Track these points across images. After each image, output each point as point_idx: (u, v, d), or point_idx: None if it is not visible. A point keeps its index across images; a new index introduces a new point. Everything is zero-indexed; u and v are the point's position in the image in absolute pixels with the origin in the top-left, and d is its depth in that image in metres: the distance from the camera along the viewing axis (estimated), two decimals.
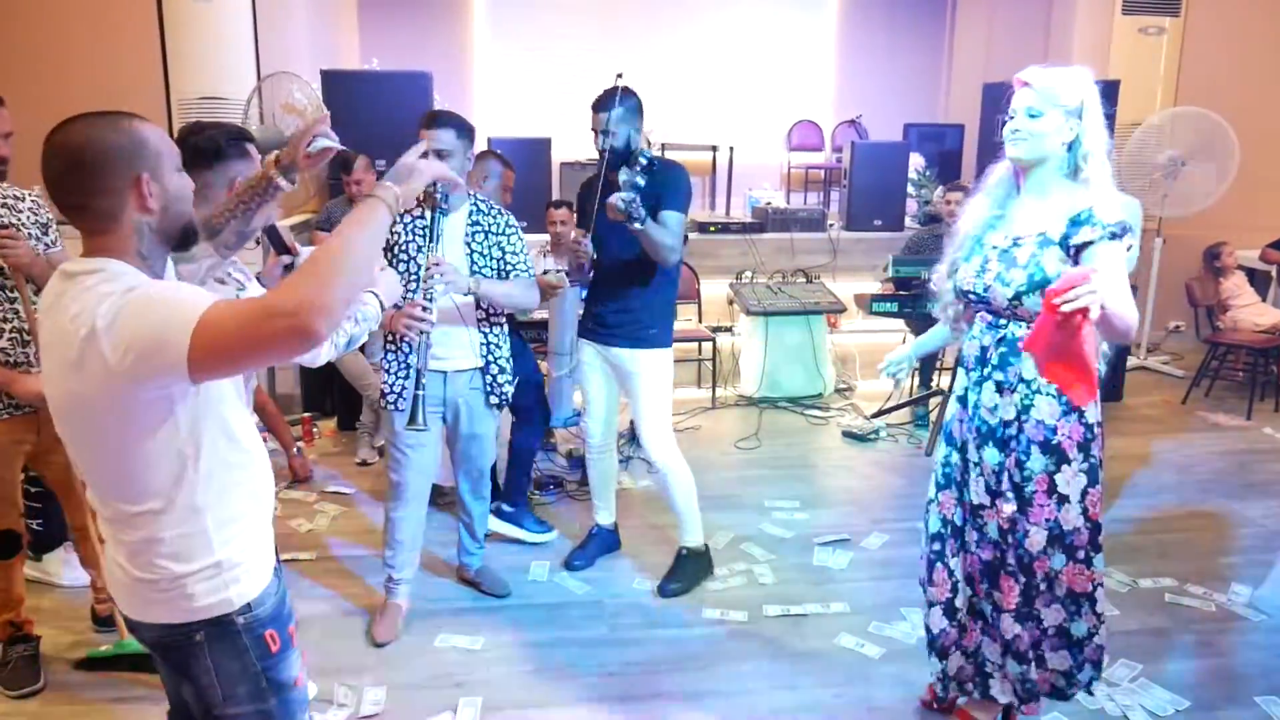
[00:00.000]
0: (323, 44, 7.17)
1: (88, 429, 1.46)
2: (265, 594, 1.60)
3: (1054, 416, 2.28)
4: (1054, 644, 2.41)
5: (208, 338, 1.32)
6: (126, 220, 1.45)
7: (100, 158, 1.41)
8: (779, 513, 4.14)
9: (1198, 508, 4.26)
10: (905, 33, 9.30)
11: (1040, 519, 2.32)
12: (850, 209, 7.46)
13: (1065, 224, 2.23)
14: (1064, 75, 2.26)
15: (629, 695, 2.83)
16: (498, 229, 3.06)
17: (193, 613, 1.54)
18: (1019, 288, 2.26)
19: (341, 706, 2.73)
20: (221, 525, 1.53)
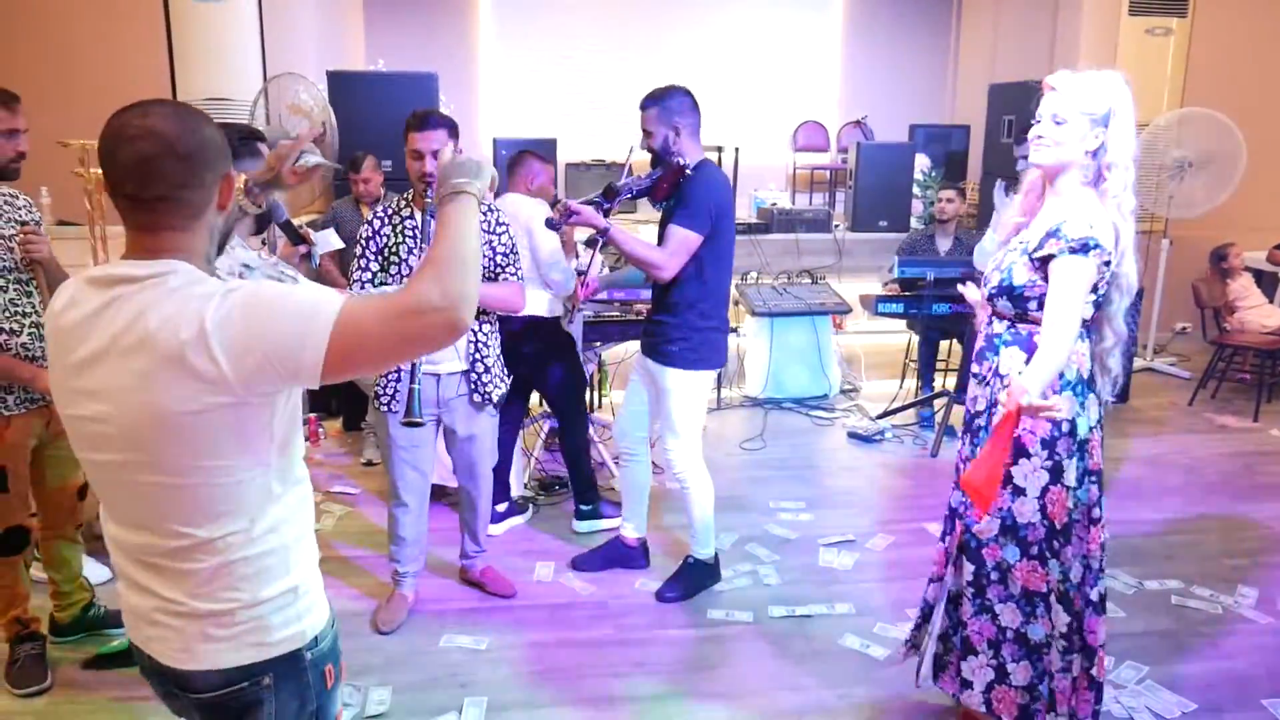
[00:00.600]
0: (329, 45, 7.18)
1: (169, 447, 1.29)
2: (329, 623, 1.51)
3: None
4: (1014, 651, 2.42)
5: (350, 337, 1.25)
6: (207, 218, 1.37)
7: (200, 149, 1.32)
8: (784, 513, 4.13)
9: (1204, 510, 4.25)
10: (911, 33, 9.29)
11: (993, 508, 2.36)
12: (856, 210, 7.46)
13: (1042, 235, 2.26)
14: (1093, 82, 2.22)
15: (634, 696, 2.83)
16: (489, 228, 3.05)
17: (267, 649, 1.40)
18: (990, 290, 2.36)
19: (347, 706, 2.73)
20: (296, 544, 1.43)
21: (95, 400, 1.30)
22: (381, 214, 3.02)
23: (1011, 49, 8.28)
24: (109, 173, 1.30)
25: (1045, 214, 2.33)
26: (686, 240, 3.07)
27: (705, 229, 3.08)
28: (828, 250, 7.02)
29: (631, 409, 3.44)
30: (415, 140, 2.87)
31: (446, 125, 2.91)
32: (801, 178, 8.94)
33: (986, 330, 2.44)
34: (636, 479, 3.52)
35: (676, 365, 3.20)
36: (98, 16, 6.17)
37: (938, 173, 7.99)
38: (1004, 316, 2.37)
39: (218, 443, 1.29)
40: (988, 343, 2.41)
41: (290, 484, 1.41)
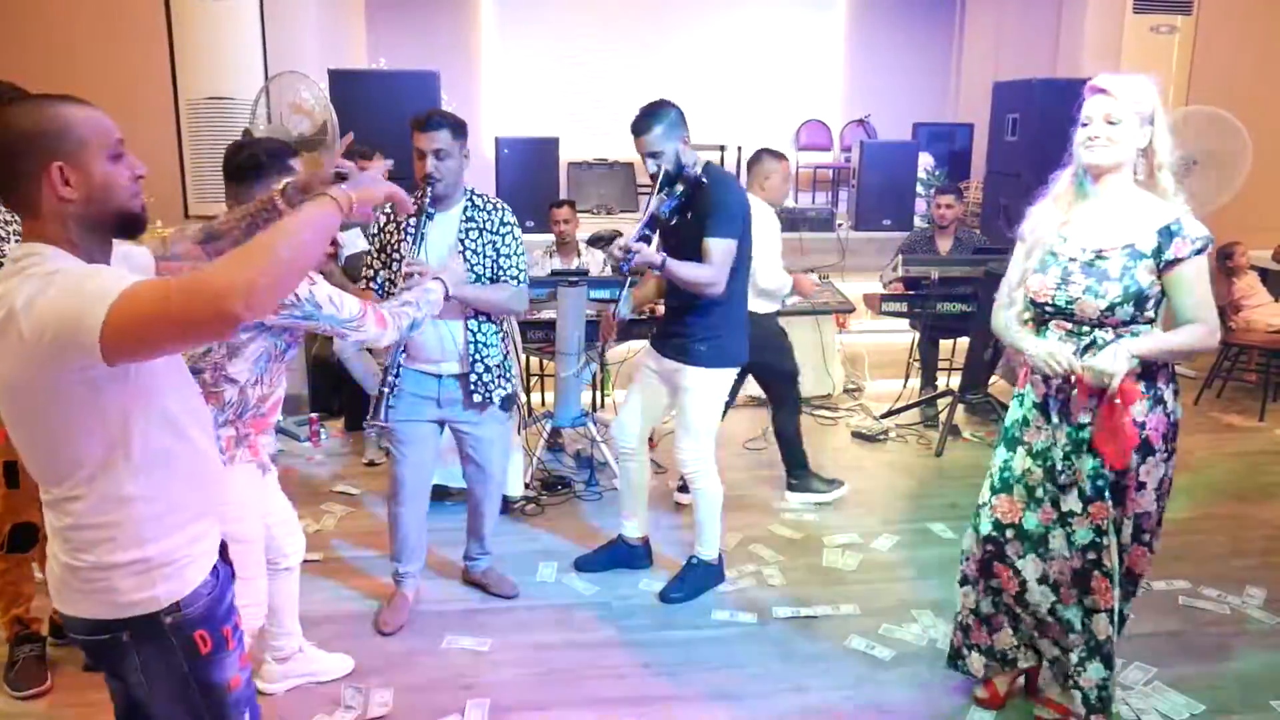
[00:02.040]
0: (330, 43, 7.17)
1: (14, 409, 1.44)
2: (198, 593, 1.56)
3: (1143, 413, 2.35)
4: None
5: (122, 316, 1.29)
6: (47, 208, 1.42)
7: (13, 144, 1.39)
8: (788, 514, 4.11)
9: (1211, 510, 4.23)
10: (914, 32, 9.28)
11: (1131, 513, 2.42)
12: (859, 209, 7.44)
13: (1155, 236, 2.28)
14: (1138, 82, 2.30)
15: (638, 697, 2.81)
16: (493, 227, 2.99)
17: (118, 609, 1.50)
18: (1114, 299, 2.30)
19: (349, 709, 2.72)
20: (153, 519, 1.50)
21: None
22: (388, 211, 3.01)
23: (1015, 47, 8.26)
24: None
25: (1113, 212, 2.33)
26: (729, 250, 3.04)
27: (739, 232, 3.08)
28: (831, 249, 7.00)
29: (633, 408, 3.42)
30: (418, 140, 2.86)
31: (449, 125, 2.87)
32: (804, 177, 8.93)
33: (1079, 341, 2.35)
34: (636, 478, 3.51)
35: (703, 364, 3.18)
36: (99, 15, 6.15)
37: (941, 171, 7.97)
38: (1111, 325, 2.32)
39: (45, 409, 1.40)
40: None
41: (152, 461, 1.48)
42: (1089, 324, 2.35)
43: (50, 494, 1.49)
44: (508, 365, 3.15)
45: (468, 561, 3.43)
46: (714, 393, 3.24)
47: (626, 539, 3.59)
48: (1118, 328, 2.33)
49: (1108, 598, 2.43)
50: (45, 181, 1.40)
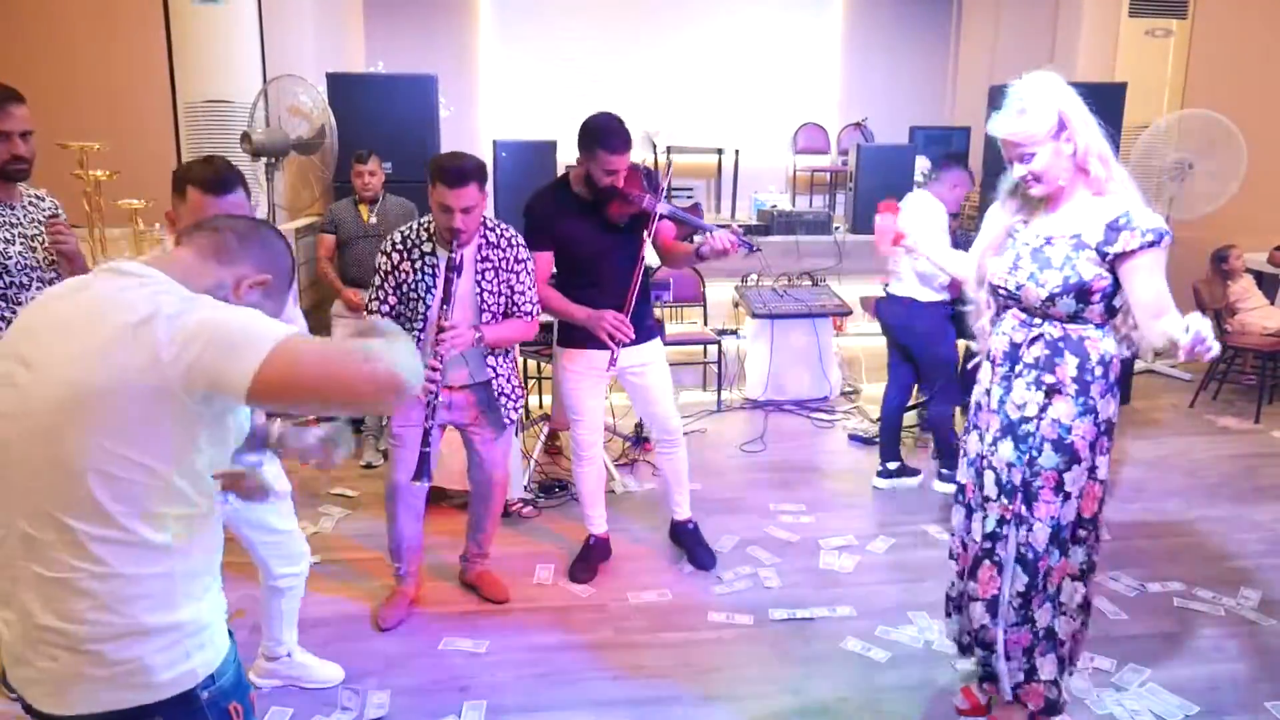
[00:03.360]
0: (328, 47, 7.17)
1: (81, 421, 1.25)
2: (227, 660, 1.42)
3: (1070, 416, 2.33)
4: (1044, 648, 2.47)
5: (288, 360, 1.25)
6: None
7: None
8: (785, 516, 4.12)
9: (1206, 511, 4.23)
10: (910, 35, 9.29)
11: (1045, 516, 2.38)
12: (856, 212, 7.45)
13: (1102, 229, 2.24)
14: (1029, 102, 2.23)
15: (635, 699, 2.82)
16: (508, 265, 2.99)
17: (152, 691, 1.31)
18: (1053, 289, 2.28)
19: (346, 710, 2.73)
20: (187, 577, 1.35)
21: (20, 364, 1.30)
22: (400, 245, 2.94)
23: (1011, 50, 8.28)
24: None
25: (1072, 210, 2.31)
26: None
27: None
28: (828, 252, 7.01)
29: (596, 413, 3.50)
30: (446, 196, 2.77)
31: (478, 179, 2.82)
32: (802, 180, 8.94)
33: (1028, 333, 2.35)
34: (601, 476, 3.69)
35: (659, 334, 3.55)
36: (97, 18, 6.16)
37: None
38: (1055, 317, 2.32)
39: (132, 430, 1.26)
40: (1050, 346, 2.33)
41: (189, 512, 1.34)
42: (1036, 314, 2.34)
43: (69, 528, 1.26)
44: (517, 387, 3.20)
45: (464, 562, 3.44)
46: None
47: (599, 535, 3.66)
48: (1065, 322, 2.31)
49: (989, 588, 2.47)
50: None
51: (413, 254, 2.94)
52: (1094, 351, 2.32)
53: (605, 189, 3.16)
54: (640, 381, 3.46)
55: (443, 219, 2.83)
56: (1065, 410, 2.32)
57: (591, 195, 3.22)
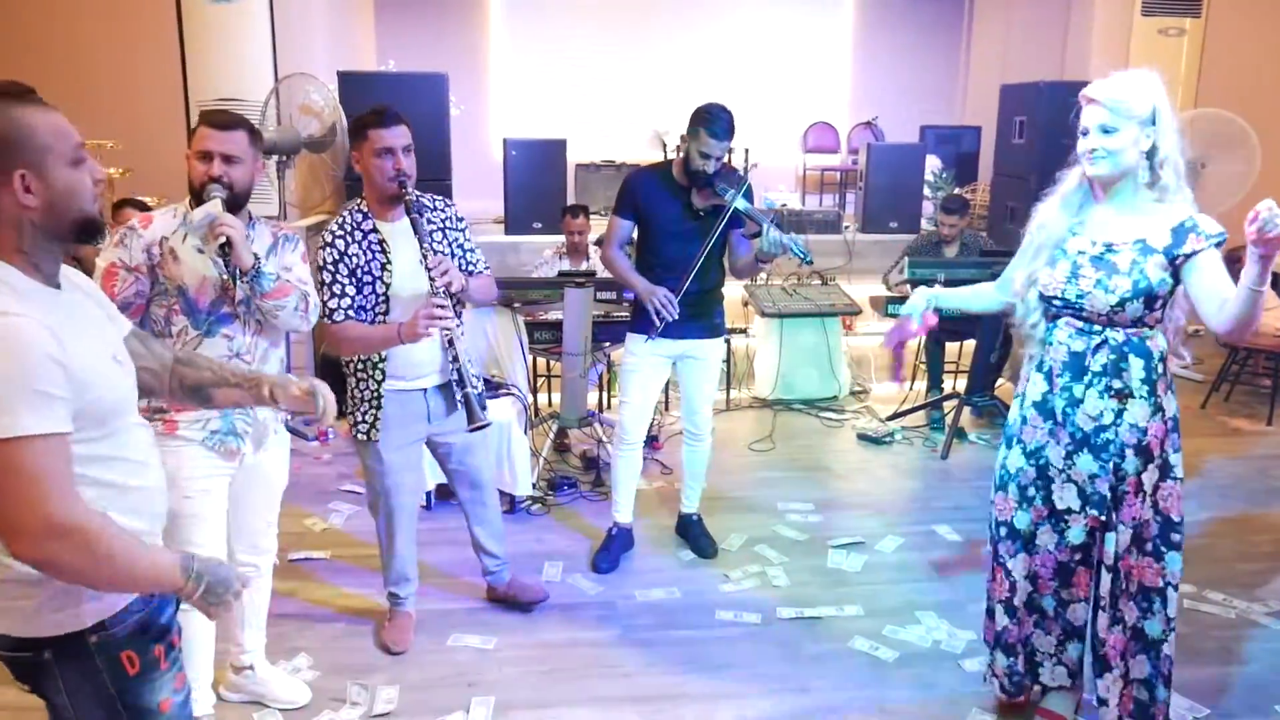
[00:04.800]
0: (339, 46, 7.21)
1: None
2: (127, 611, 1.49)
3: (1145, 419, 2.34)
4: (1133, 648, 2.45)
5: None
6: (5, 216, 1.37)
7: None
8: (793, 515, 4.12)
9: (1217, 513, 4.22)
10: (921, 34, 9.28)
11: (1129, 518, 2.39)
12: (866, 211, 7.44)
13: (1168, 233, 2.26)
14: (1132, 84, 2.25)
15: (643, 696, 2.82)
16: (451, 223, 2.89)
17: (40, 627, 1.44)
18: (1124, 294, 2.28)
19: (355, 705, 2.74)
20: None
21: None
22: (339, 233, 2.75)
23: (1023, 50, 8.25)
24: None
25: (1128, 214, 2.31)
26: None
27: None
28: (838, 251, 7.00)
29: (646, 403, 3.60)
30: (382, 138, 2.68)
31: (406, 120, 2.75)
32: (811, 179, 8.95)
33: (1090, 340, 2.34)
34: (637, 466, 3.71)
35: (723, 333, 3.64)
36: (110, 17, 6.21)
37: (949, 174, 7.97)
38: (1122, 324, 2.32)
39: None
40: (1118, 354, 2.32)
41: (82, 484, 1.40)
42: (1099, 321, 2.34)
43: None
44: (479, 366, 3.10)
45: (488, 577, 3.30)
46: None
47: (624, 525, 3.70)
48: (1127, 327, 2.32)
49: (1085, 589, 2.48)
50: (5, 190, 1.36)
51: (355, 235, 2.75)
52: (1155, 350, 2.33)
53: (696, 173, 3.28)
54: (690, 370, 3.57)
55: (386, 167, 2.68)
56: (1140, 413, 2.33)
57: (685, 179, 3.35)
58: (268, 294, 2.33)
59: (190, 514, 2.35)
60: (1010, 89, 7.16)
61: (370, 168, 2.73)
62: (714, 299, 3.53)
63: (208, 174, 2.31)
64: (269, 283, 2.33)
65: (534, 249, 6.18)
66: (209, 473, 2.39)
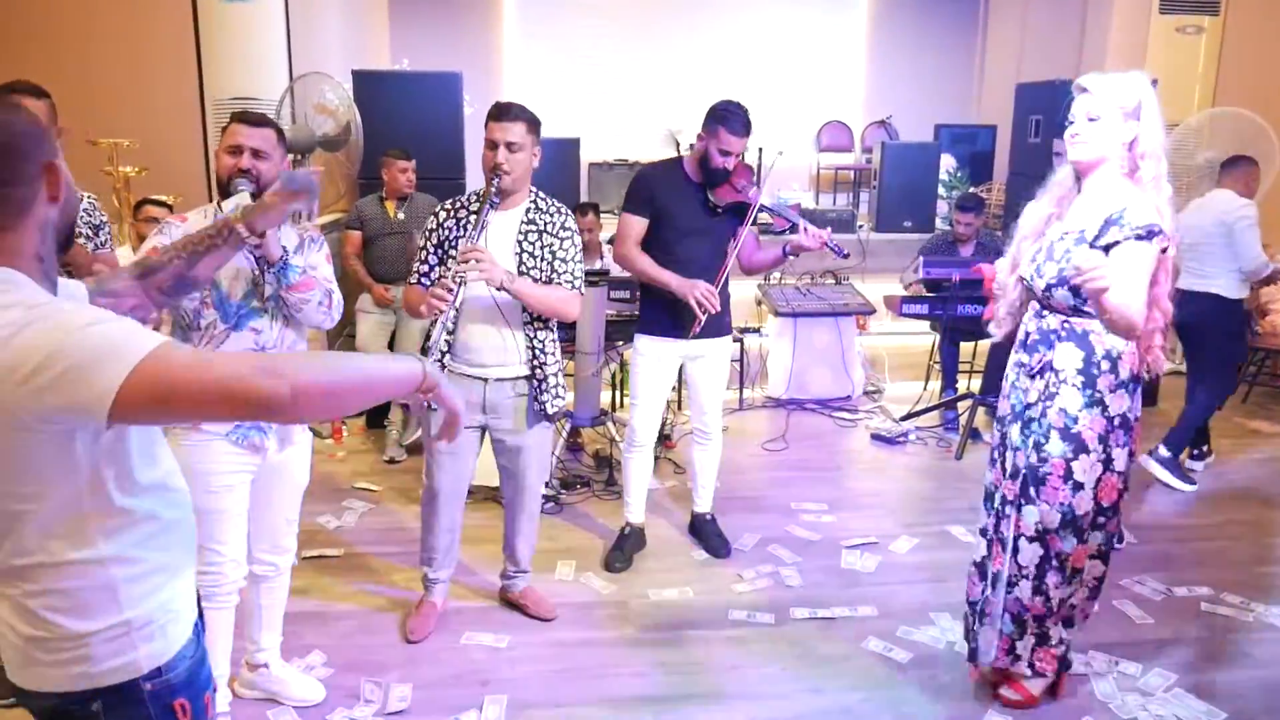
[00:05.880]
0: (353, 44, 7.22)
1: None
2: (180, 656, 1.38)
3: (1076, 407, 2.44)
4: (1056, 618, 2.63)
5: (152, 380, 1.14)
6: (36, 213, 1.26)
7: (14, 140, 1.23)
8: (807, 515, 4.11)
9: (1234, 515, 4.18)
10: (936, 33, 9.23)
11: (1055, 501, 2.49)
12: (880, 210, 7.42)
13: (1099, 223, 2.35)
14: (1121, 79, 2.38)
15: (657, 696, 2.82)
16: (553, 230, 2.91)
17: (92, 679, 1.31)
18: (1049, 280, 2.42)
19: (368, 703, 2.74)
20: (134, 580, 1.31)
21: None
22: (449, 207, 2.93)
23: (1039, 48, 8.21)
24: None
25: (1091, 203, 2.40)
26: None
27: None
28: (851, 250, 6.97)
29: (658, 403, 3.62)
30: (493, 130, 2.79)
31: (526, 119, 2.82)
32: (825, 178, 8.92)
33: (1037, 324, 2.51)
34: (650, 466, 3.72)
35: (730, 332, 3.66)
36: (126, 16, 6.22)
37: (963, 173, 7.93)
38: (1059, 310, 2.44)
39: (11, 467, 1.20)
40: (1041, 336, 2.49)
41: (122, 520, 1.29)
42: (1049, 307, 2.47)
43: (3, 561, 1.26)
44: (561, 377, 3.07)
45: (505, 581, 3.31)
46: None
47: (636, 525, 3.71)
48: (1068, 316, 2.43)
49: (998, 562, 2.62)
50: (47, 179, 1.26)
51: (459, 214, 2.90)
52: (1099, 346, 2.42)
53: (716, 170, 3.29)
54: (699, 370, 3.58)
55: (488, 157, 2.79)
56: (1071, 401, 2.43)
57: (701, 176, 3.35)
58: (293, 286, 2.36)
59: (214, 510, 2.37)
60: (1026, 88, 7.13)
61: (484, 156, 2.85)
62: (723, 298, 3.50)
63: (236, 166, 2.36)
64: (295, 275, 2.37)
65: None
66: (233, 468, 2.41)
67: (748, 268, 3.58)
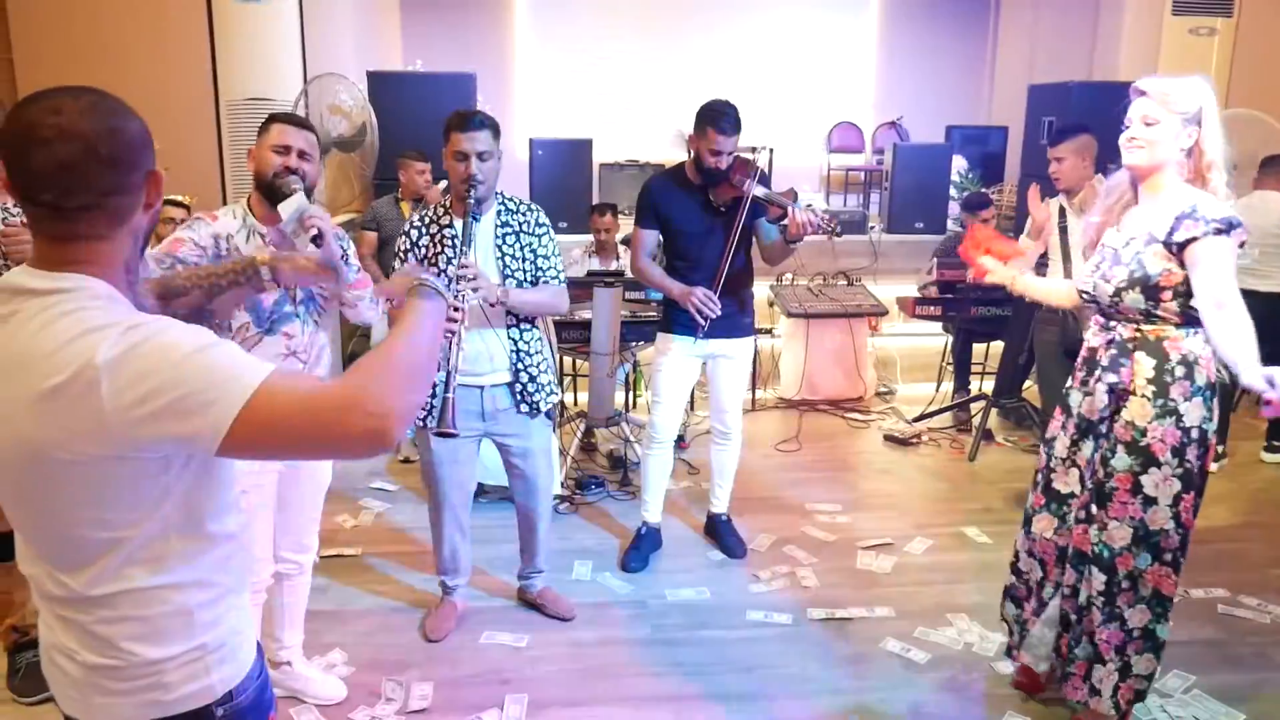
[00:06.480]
0: (366, 46, 7.24)
1: (43, 485, 1.16)
2: (249, 678, 1.35)
3: (1145, 419, 2.33)
4: (1139, 647, 2.47)
5: (265, 414, 1.09)
6: (133, 222, 1.21)
7: (126, 149, 1.17)
8: (821, 515, 4.11)
9: (1250, 517, 4.18)
10: (948, 33, 9.23)
11: (1122, 516, 2.38)
12: (892, 211, 7.42)
13: (1170, 221, 2.27)
14: (1182, 82, 2.29)
15: (675, 696, 2.83)
16: (529, 229, 2.94)
17: (165, 707, 1.26)
18: (1119, 284, 2.32)
19: (390, 701, 2.76)
20: (208, 604, 1.28)
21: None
22: (418, 223, 2.92)
23: (1051, 50, 8.20)
24: (19, 178, 1.14)
25: (1151, 208, 2.34)
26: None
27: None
28: (863, 252, 6.97)
29: (678, 402, 3.62)
30: (460, 141, 2.74)
31: (490, 126, 2.81)
32: (836, 179, 8.91)
33: (1105, 337, 2.42)
34: (669, 466, 3.74)
35: (754, 332, 3.67)
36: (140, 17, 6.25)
37: (975, 174, 7.92)
38: (1129, 316, 2.34)
39: (95, 490, 1.15)
40: (1119, 349, 2.37)
41: (204, 545, 1.26)
42: (1115, 317, 2.39)
43: (65, 585, 1.21)
44: (551, 371, 3.10)
45: (522, 581, 3.34)
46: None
47: (653, 525, 3.72)
48: (1137, 322, 2.34)
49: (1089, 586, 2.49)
50: (148, 188, 1.22)
51: (430, 229, 2.89)
52: (1173, 351, 2.31)
53: (710, 170, 3.30)
54: (720, 369, 3.59)
55: (457, 169, 2.76)
56: (1140, 412, 2.33)
57: (700, 178, 3.37)
58: (351, 285, 2.39)
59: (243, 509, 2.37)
60: (1039, 89, 7.12)
61: (447, 167, 2.84)
62: (743, 298, 3.53)
63: (284, 165, 2.36)
64: (354, 274, 2.38)
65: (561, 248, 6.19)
66: (260, 466, 2.43)
67: (766, 259, 3.59)
